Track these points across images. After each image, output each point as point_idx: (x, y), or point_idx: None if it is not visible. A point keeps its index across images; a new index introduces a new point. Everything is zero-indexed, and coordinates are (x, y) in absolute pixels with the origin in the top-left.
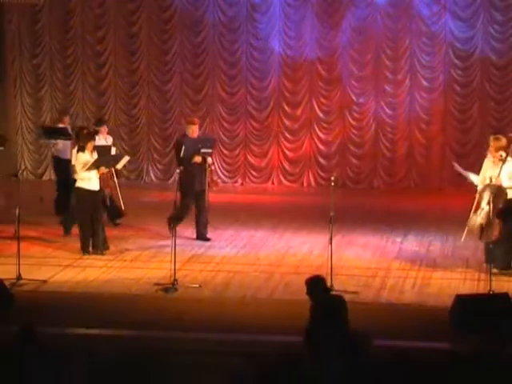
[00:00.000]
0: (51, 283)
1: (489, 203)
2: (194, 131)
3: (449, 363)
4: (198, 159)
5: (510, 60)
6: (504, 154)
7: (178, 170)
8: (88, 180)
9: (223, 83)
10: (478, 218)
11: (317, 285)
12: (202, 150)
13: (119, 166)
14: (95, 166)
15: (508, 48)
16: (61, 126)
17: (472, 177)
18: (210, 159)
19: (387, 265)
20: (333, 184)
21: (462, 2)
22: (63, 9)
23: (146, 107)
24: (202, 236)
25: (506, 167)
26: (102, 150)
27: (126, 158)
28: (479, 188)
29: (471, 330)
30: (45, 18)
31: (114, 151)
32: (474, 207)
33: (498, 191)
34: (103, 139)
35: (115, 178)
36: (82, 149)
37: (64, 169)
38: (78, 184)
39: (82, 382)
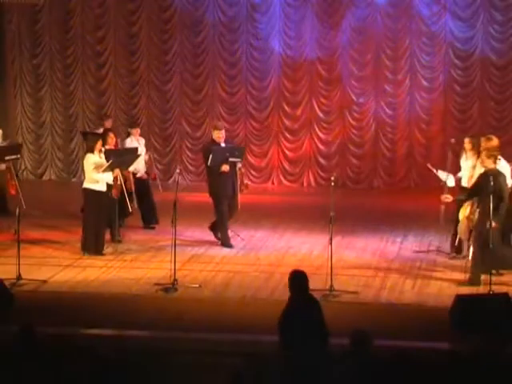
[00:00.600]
0: (51, 283)
1: (478, 207)
2: (219, 137)
3: (449, 363)
4: (225, 168)
5: (510, 60)
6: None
7: (177, 170)
8: (97, 181)
9: (223, 83)
10: (467, 222)
11: (299, 280)
12: (231, 159)
13: (131, 168)
14: (110, 168)
15: (508, 48)
16: (101, 130)
17: (448, 179)
18: (239, 163)
19: (387, 265)
20: (333, 184)
21: (462, 2)
22: (63, 9)
23: (146, 107)
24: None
25: None
26: (129, 152)
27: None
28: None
29: (471, 330)
30: (45, 18)
31: (143, 153)
32: (465, 211)
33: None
34: (135, 141)
35: (122, 180)
36: (90, 150)
37: None
38: (86, 185)
39: (83, 382)
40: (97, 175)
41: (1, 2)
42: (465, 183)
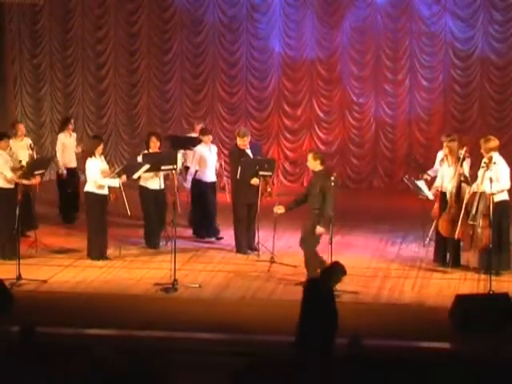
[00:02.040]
0: (51, 283)
1: (476, 211)
2: (243, 144)
3: (449, 363)
4: (255, 182)
5: (509, 60)
6: (493, 157)
7: (177, 170)
8: (101, 186)
9: (223, 83)
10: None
11: (336, 273)
12: (261, 173)
13: (135, 175)
14: (118, 175)
15: (508, 48)
16: (192, 135)
17: (426, 190)
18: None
19: (387, 265)
20: (333, 184)
21: (462, 2)
22: (63, 9)
23: (146, 107)
24: (249, 246)
25: (488, 173)
26: (167, 157)
27: (146, 167)
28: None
29: (471, 330)
30: (45, 18)
31: (215, 161)
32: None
33: (482, 198)
34: (207, 148)
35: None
36: (91, 154)
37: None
38: (89, 189)
39: (82, 382)
40: (103, 181)
41: (1, 1)
42: (449, 191)
